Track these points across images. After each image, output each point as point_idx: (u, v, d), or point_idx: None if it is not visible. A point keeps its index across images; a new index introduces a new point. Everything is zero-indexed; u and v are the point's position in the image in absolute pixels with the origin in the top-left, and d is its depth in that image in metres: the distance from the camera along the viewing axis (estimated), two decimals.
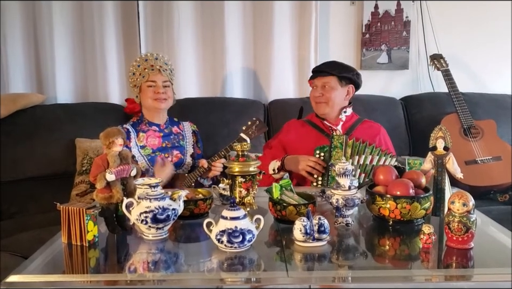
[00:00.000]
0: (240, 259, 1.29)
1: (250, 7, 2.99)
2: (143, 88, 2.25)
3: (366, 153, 2.05)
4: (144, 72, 2.24)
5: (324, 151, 2.10)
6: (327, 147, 2.10)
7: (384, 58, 3.09)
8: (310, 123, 2.34)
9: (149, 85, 2.24)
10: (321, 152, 2.10)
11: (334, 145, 2.08)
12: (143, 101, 2.27)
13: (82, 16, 2.94)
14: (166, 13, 2.94)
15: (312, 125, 2.32)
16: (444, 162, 1.61)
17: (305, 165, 2.07)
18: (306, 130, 2.31)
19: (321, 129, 2.29)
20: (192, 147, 2.36)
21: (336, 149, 2.07)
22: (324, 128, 2.29)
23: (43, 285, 1.17)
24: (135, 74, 2.27)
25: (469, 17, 3.05)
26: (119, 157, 1.45)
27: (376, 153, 2.05)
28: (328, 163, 2.05)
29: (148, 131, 2.28)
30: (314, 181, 2.09)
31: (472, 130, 2.64)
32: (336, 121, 2.28)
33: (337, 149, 2.07)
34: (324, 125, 2.30)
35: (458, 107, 2.67)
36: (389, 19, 3.05)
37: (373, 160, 2.04)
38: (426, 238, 1.33)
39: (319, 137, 2.24)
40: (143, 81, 2.23)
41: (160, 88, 2.24)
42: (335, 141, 2.08)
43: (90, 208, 1.38)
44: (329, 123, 2.28)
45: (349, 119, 2.31)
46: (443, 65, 2.81)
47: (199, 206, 1.63)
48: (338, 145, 2.08)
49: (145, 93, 2.25)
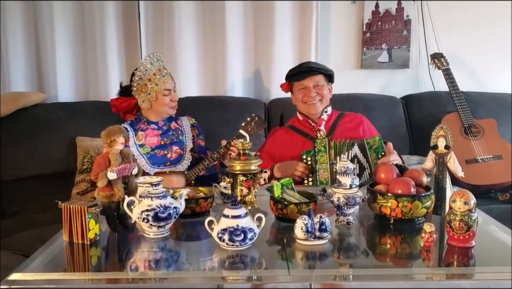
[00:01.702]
0: (241, 257, 1.29)
1: (251, 6, 2.99)
2: (158, 96, 2.21)
3: (344, 150, 2.08)
4: (155, 79, 2.18)
5: (310, 155, 2.13)
6: (312, 151, 2.12)
7: (385, 57, 3.09)
8: (293, 128, 2.35)
9: (164, 94, 2.21)
10: (307, 157, 2.13)
11: (318, 149, 2.12)
12: (157, 107, 2.24)
13: (83, 16, 2.95)
14: (166, 12, 2.94)
15: (295, 130, 2.34)
16: (445, 161, 1.61)
17: (294, 171, 2.11)
18: (290, 137, 2.33)
19: (305, 133, 2.30)
20: (191, 142, 2.35)
21: (320, 152, 2.11)
22: (307, 132, 2.30)
23: (44, 283, 1.16)
24: (143, 79, 2.20)
25: (469, 16, 3.06)
26: (121, 156, 1.45)
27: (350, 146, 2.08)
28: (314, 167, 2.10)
29: (146, 130, 2.27)
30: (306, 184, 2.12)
31: (473, 129, 2.64)
32: (319, 122, 2.30)
33: (321, 152, 2.11)
34: (307, 127, 2.32)
35: (459, 106, 2.68)
36: (390, 18, 3.05)
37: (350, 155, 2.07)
38: (427, 236, 1.33)
39: (304, 141, 2.26)
40: (157, 89, 2.19)
41: (175, 96, 2.24)
42: (318, 145, 2.12)
43: (92, 207, 1.38)
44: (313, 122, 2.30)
45: (330, 117, 2.34)
46: (444, 64, 2.81)
47: (201, 205, 1.63)
48: (322, 149, 2.11)
49: (162, 101, 2.21)
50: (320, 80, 2.29)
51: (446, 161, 1.61)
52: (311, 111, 2.31)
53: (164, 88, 2.20)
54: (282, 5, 2.96)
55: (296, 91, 2.33)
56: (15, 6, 2.89)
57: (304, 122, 2.34)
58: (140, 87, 2.21)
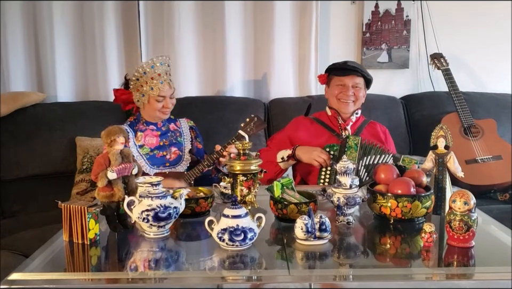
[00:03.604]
0: (241, 257, 1.29)
1: (251, 6, 2.99)
2: (150, 100, 2.20)
3: (372, 154, 2.09)
4: (152, 83, 2.17)
5: (333, 150, 2.14)
6: (336, 146, 2.13)
7: (385, 58, 3.09)
8: (319, 122, 2.35)
9: (158, 100, 2.21)
10: (331, 151, 2.14)
11: (349, 145, 2.12)
12: (148, 110, 2.24)
13: (82, 16, 2.94)
14: (166, 12, 2.94)
15: (321, 124, 2.34)
16: (444, 161, 1.61)
17: (318, 156, 2.11)
18: (315, 128, 2.33)
19: (331, 128, 2.31)
20: (190, 143, 2.35)
21: (351, 149, 2.12)
22: (333, 128, 2.31)
23: (44, 282, 1.16)
24: (140, 81, 2.18)
25: (469, 16, 3.06)
26: (121, 155, 1.45)
27: (379, 153, 2.10)
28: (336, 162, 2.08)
29: (145, 131, 2.27)
30: (322, 176, 2.12)
31: (473, 129, 2.64)
32: (347, 121, 2.31)
33: (352, 149, 2.12)
34: (334, 123, 2.32)
35: (459, 106, 2.68)
36: (389, 19, 3.05)
37: (375, 160, 2.09)
38: (427, 236, 1.34)
39: (329, 136, 2.27)
40: (151, 93, 2.18)
41: (169, 103, 2.23)
42: (350, 141, 2.13)
43: (92, 206, 1.38)
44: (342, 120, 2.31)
45: (358, 119, 2.35)
46: (443, 64, 2.81)
47: (201, 204, 1.63)
48: (353, 146, 2.12)
49: (153, 105, 2.20)
50: (360, 82, 2.30)
51: (446, 161, 1.61)
52: (343, 109, 2.31)
53: (158, 94, 2.18)
54: (282, 5, 2.96)
55: (333, 86, 2.33)
56: (14, 6, 2.88)
57: (332, 118, 2.34)
58: (136, 86, 2.21)
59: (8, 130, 2.63)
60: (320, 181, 2.14)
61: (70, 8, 2.92)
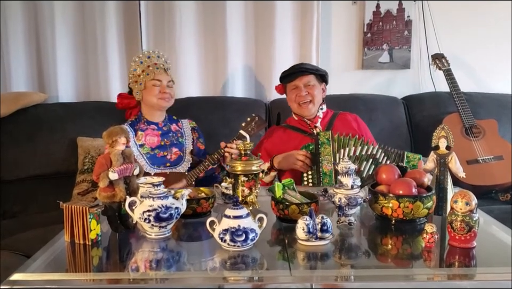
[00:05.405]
0: (242, 258, 1.29)
1: (252, 6, 2.99)
2: (147, 86, 2.25)
3: (350, 145, 2.10)
4: (148, 69, 2.24)
5: (309, 149, 2.15)
6: (312, 145, 2.14)
7: (386, 58, 3.09)
8: (291, 127, 2.39)
9: (154, 84, 2.24)
10: (307, 150, 2.15)
11: (321, 141, 2.12)
12: (147, 98, 2.27)
13: (83, 16, 2.94)
14: (167, 12, 2.94)
15: (293, 129, 2.37)
16: (446, 162, 1.61)
17: (296, 159, 2.12)
18: (288, 134, 2.36)
19: (302, 130, 2.34)
20: (191, 144, 2.36)
21: (324, 145, 2.12)
22: (304, 129, 2.34)
23: (46, 283, 1.16)
24: (137, 71, 2.27)
25: (470, 16, 3.05)
26: (122, 156, 1.45)
27: (359, 144, 2.10)
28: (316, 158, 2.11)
29: (146, 130, 2.28)
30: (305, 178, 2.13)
31: (474, 129, 2.64)
32: (315, 119, 2.34)
33: (325, 144, 2.12)
34: (303, 125, 2.35)
35: (460, 106, 2.67)
36: (391, 19, 3.05)
37: (356, 151, 2.09)
38: (428, 237, 1.33)
39: (302, 138, 2.29)
40: (147, 78, 2.23)
41: (166, 87, 2.25)
42: (322, 137, 2.13)
43: (93, 207, 1.38)
44: (309, 121, 2.34)
45: (325, 115, 2.39)
46: (444, 64, 2.81)
47: (202, 205, 1.63)
48: (325, 141, 2.12)
49: (150, 91, 2.24)
50: (311, 80, 2.34)
51: (447, 161, 1.61)
52: (304, 113, 2.35)
53: (154, 78, 2.24)
54: (283, 5, 2.96)
55: (289, 92, 2.38)
56: (15, 6, 2.88)
57: (300, 121, 2.38)
58: (134, 77, 2.27)
59: (9, 131, 2.63)
60: (303, 182, 2.14)
61: (71, 8, 2.93)
